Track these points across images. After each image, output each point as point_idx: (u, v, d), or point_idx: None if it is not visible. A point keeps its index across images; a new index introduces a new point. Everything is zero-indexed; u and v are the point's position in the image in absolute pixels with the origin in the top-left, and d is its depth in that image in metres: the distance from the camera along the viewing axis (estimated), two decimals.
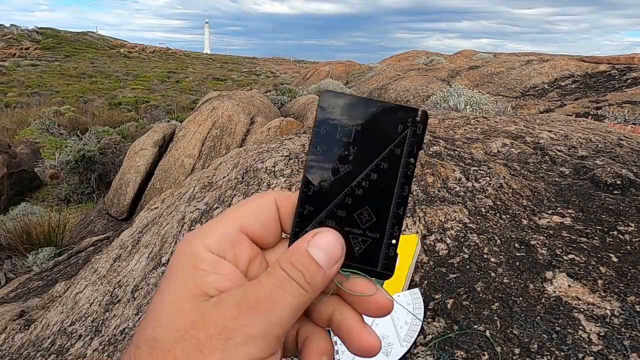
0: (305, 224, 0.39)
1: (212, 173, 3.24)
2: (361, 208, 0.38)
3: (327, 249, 0.37)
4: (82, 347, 2.19)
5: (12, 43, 48.23)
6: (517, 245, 1.66)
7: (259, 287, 0.35)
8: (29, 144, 12.71)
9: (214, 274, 0.36)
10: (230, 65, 58.17)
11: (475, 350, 1.26)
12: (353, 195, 0.38)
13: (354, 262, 0.39)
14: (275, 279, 0.36)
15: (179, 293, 0.35)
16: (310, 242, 0.37)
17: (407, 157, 0.37)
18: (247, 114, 8.78)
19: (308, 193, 0.39)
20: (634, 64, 13.55)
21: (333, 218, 0.38)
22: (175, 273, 0.36)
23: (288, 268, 0.36)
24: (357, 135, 0.38)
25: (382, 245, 0.39)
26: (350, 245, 0.38)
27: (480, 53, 20.83)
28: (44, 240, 5.96)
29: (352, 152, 0.38)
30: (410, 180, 0.38)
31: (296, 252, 0.37)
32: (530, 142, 2.69)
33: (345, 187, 0.38)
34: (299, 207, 0.39)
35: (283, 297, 0.35)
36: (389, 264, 0.39)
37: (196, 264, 0.36)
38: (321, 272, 0.36)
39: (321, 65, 26.89)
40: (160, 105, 21.93)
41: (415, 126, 0.37)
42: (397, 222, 0.38)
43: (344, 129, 0.38)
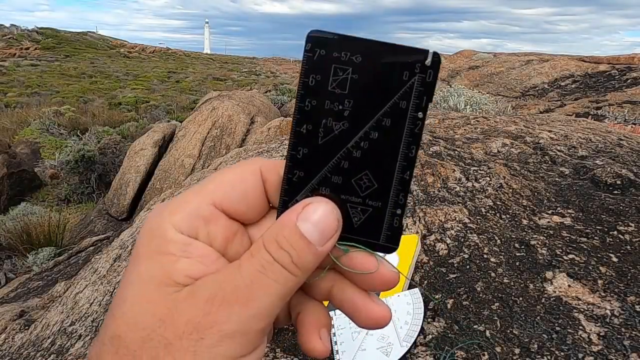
0: (295, 193, 0.33)
1: (212, 173, 3.25)
2: (360, 173, 0.33)
3: (320, 222, 0.31)
4: (82, 347, 2.19)
5: (12, 43, 48.24)
6: (517, 245, 1.66)
7: (237, 274, 0.30)
8: (29, 144, 12.72)
9: (185, 259, 0.31)
10: (230, 65, 58.20)
11: (475, 350, 1.26)
12: (350, 158, 0.32)
13: (353, 234, 0.33)
14: (256, 264, 0.31)
15: (145, 282, 0.31)
16: (300, 215, 0.31)
17: (414, 111, 0.31)
18: (247, 114, 8.79)
19: (297, 156, 0.33)
20: (634, 64, 13.55)
21: (327, 185, 0.33)
22: (140, 258, 0.32)
23: (273, 249, 0.31)
24: (353, 86, 0.31)
25: (385, 214, 0.33)
26: (349, 216, 0.33)
27: (480, 53, 20.84)
28: (44, 240, 5.96)
29: (347, 107, 0.32)
30: (418, 140, 0.32)
31: (283, 228, 0.31)
32: (530, 142, 2.69)
33: (340, 148, 0.32)
34: (287, 174, 0.33)
35: (266, 284, 0.30)
36: (394, 236, 0.33)
37: (163, 248, 0.31)
38: (312, 250, 0.31)
39: None
40: (160, 105, 21.94)
41: (424, 72, 0.31)
42: (403, 188, 0.33)
43: (337, 78, 0.31)
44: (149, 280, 0.31)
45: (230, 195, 0.33)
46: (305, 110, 0.32)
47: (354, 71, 0.31)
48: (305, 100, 0.32)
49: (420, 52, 0.31)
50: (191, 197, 0.33)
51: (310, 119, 0.32)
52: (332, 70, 0.31)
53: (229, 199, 0.33)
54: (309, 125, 0.32)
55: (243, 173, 0.34)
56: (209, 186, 0.34)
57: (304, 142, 0.33)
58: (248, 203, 0.34)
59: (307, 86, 0.32)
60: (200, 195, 0.33)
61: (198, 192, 0.33)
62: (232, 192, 0.34)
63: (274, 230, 0.32)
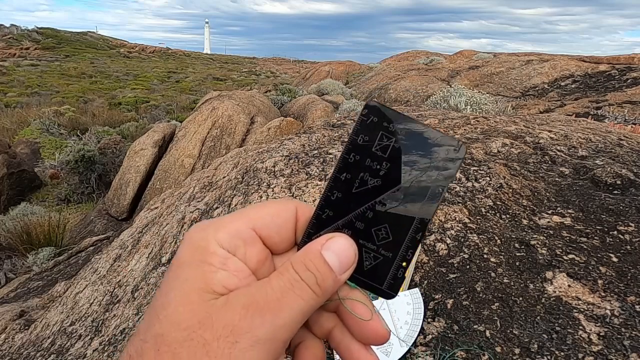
0: (320, 228, 0.38)
1: (212, 173, 3.24)
2: (380, 225, 0.38)
3: (341, 253, 0.36)
4: (82, 347, 2.19)
5: (12, 43, 48.23)
6: (517, 245, 1.66)
7: (268, 287, 0.35)
8: (29, 144, 12.72)
9: (223, 271, 0.35)
10: (230, 65, 58.17)
11: (475, 350, 1.26)
12: (375, 210, 0.38)
13: (361, 275, 0.38)
14: (285, 280, 0.35)
15: (187, 287, 0.34)
16: (325, 245, 0.36)
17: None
18: (247, 114, 8.79)
19: (331, 198, 0.38)
20: (634, 64, 13.55)
21: (350, 228, 0.38)
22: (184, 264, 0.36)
23: (300, 269, 0.36)
24: (392, 152, 0.37)
25: (392, 265, 0.38)
26: (361, 259, 0.38)
27: (480, 53, 20.83)
28: (44, 240, 5.96)
29: (384, 168, 0.37)
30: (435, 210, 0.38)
31: (309, 253, 0.36)
32: (530, 142, 2.69)
33: (369, 200, 0.38)
34: (319, 210, 0.38)
35: (293, 299, 0.34)
36: (395, 285, 0.39)
37: (206, 258, 0.35)
38: (333, 276, 0.36)
39: (321, 65, 26.89)
40: (160, 105, 21.94)
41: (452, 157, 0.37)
42: (413, 246, 0.38)
43: (381, 143, 0.37)
44: (191, 286, 0.35)
45: (269, 225, 0.38)
46: (349, 162, 0.38)
47: (396, 141, 0.37)
48: (350, 154, 0.38)
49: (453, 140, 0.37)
50: (236, 218, 0.38)
51: (351, 170, 0.38)
52: (379, 135, 0.38)
53: (267, 228, 0.38)
54: (349, 175, 0.38)
55: (282, 209, 0.39)
56: (252, 213, 0.38)
57: (340, 188, 0.38)
58: (281, 235, 0.39)
59: (356, 143, 0.38)
60: (243, 219, 0.38)
61: (241, 217, 0.38)
62: (271, 222, 0.38)
63: (302, 255, 0.37)
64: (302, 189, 2.30)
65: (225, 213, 2.43)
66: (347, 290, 0.38)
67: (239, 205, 2.40)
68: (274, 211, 0.39)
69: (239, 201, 2.44)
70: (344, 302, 0.38)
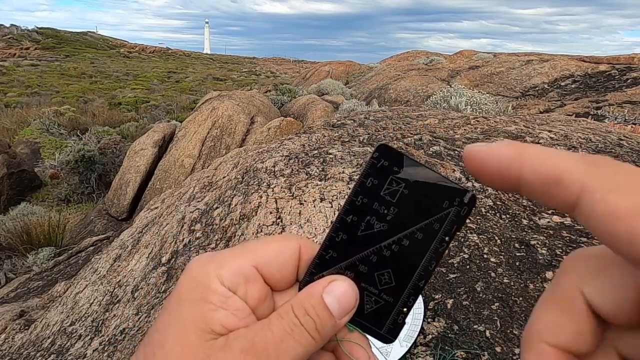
0: (323, 269, 0.38)
1: (212, 173, 3.24)
2: (383, 269, 0.38)
3: (342, 298, 0.36)
4: (82, 347, 2.19)
5: (12, 43, 48.25)
6: (517, 245, 1.66)
7: (268, 331, 0.35)
8: (29, 144, 12.72)
9: (223, 310, 0.35)
10: (230, 65, 58.17)
11: (475, 350, 1.26)
12: (380, 255, 0.38)
13: (361, 318, 0.38)
14: (285, 324, 0.35)
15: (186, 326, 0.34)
16: (326, 289, 0.36)
17: (443, 234, 0.37)
18: (247, 114, 8.79)
19: (336, 239, 0.38)
20: (634, 64, 13.56)
21: (353, 270, 0.38)
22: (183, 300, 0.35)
23: (300, 314, 0.35)
24: (401, 198, 0.37)
25: (393, 310, 0.38)
26: (362, 302, 0.38)
27: (480, 53, 20.84)
28: (44, 240, 5.96)
29: (391, 213, 0.37)
30: (440, 258, 0.37)
31: (310, 297, 0.36)
32: (531, 142, 2.69)
33: (374, 244, 0.38)
34: (322, 250, 0.38)
35: (291, 344, 0.34)
36: (395, 330, 0.38)
37: (206, 296, 0.35)
38: (332, 322, 0.35)
39: (321, 65, 26.90)
40: (160, 105, 21.94)
41: (460, 207, 0.37)
42: (415, 292, 0.38)
43: (390, 188, 0.37)
44: (190, 324, 0.34)
45: (272, 263, 0.38)
46: (356, 204, 0.38)
47: (405, 187, 0.37)
48: (358, 196, 0.38)
49: (462, 191, 0.37)
50: (238, 255, 0.37)
51: (357, 213, 0.38)
52: (388, 180, 0.37)
53: (269, 266, 0.37)
54: (355, 217, 0.38)
55: (285, 246, 0.39)
56: (255, 250, 0.38)
57: (345, 229, 0.38)
58: (283, 273, 0.38)
59: (364, 186, 0.38)
60: (246, 256, 0.37)
61: (244, 253, 0.38)
62: (273, 260, 0.38)
63: (302, 298, 0.36)
64: (302, 189, 2.30)
65: (225, 213, 2.43)
66: (346, 332, 0.38)
67: (239, 205, 2.40)
68: (278, 249, 0.38)
69: (239, 201, 2.44)
70: (342, 345, 0.38)
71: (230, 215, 2.36)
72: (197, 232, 2.42)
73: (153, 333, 0.35)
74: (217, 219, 2.42)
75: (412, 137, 2.83)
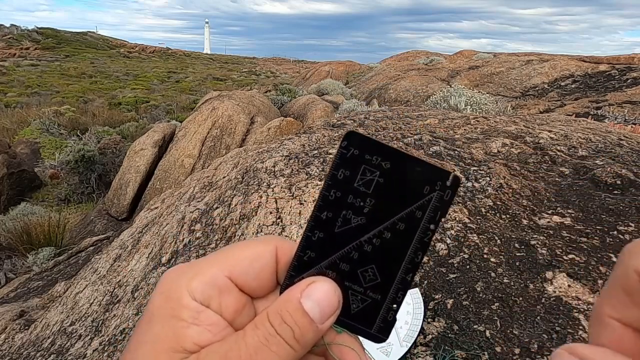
0: (302, 271, 0.35)
1: (212, 173, 3.24)
2: (366, 265, 0.35)
3: (322, 301, 0.33)
4: (82, 347, 2.19)
5: (12, 43, 48.25)
6: (517, 245, 1.66)
7: (242, 343, 0.32)
8: (29, 144, 12.72)
9: (195, 326, 0.33)
10: (230, 65, 58.16)
11: (475, 350, 1.26)
12: (361, 251, 0.35)
13: (349, 319, 0.36)
14: (260, 335, 0.32)
15: (157, 344, 0.32)
16: (305, 292, 0.33)
17: (427, 222, 0.34)
18: (247, 114, 8.79)
19: (312, 238, 0.35)
20: (634, 64, 13.56)
21: (334, 270, 0.35)
22: (153, 319, 0.34)
23: (276, 323, 0.33)
24: (377, 188, 0.34)
25: (381, 307, 0.36)
26: (348, 302, 0.36)
27: (480, 53, 20.84)
28: (44, 240, 5.96)
29: (368, 205, 0.35)
30: (426, 248, 0.35)
31: (287, 303, 0.33)
32: (530, 142, 2.69)
33: (354, 240, 0.35)
34: (300, 251, 0.36)
35: (267, 356, 0.32)
36: (386, 328, 0.36)
37: (177, 312, 0.33)
38: (313, 327, 0.33)
39: (321, 65, 26.90)
40: (160, 105, 21.94)
41: (443, 191, 0.34)
42: (403, 287, 0.35)
43: (363, 178, 0.34)
44: (161, 343, 0.32)
45: (247, 272, 0.35)
46: (329, 199, 0.35)
47: (380, 175, 0.34)
48: (330, 190, 0.35)
49: (443, 173, 0.34)
50: (210, 266, 0.35)
51: (331, 208, 0.35)
52: (361, 169, 0.35)
53: (244, 275, 0.35)
54: (330, 213, 0.35)
55: (260, 251, 0.36)
56: (228, 259, 0.35)
57: (321, 227, 0.36)
58: (260, 281, 0.36)
59: (336, 178, 0.35)
60: (219, 266, 0.35)
61: (216, 263, 0.35)
62: (248, 269, 0.35)
63: (279, 305, 0.34)
64: (302, 189, 2.30)
65: (225, 213, 2.43)
66: (334, 335, 0.35)
67: (239, 206, 2.40)
68: (253, 254, 0.36)
69: (239, 201, 2.44)
70: (330, 349, 0.35)
71: (230, 215, 2.36)
72: (197, 232, 2.42)
73: (125, 353, 0.34)
74: (217, 219, 2.42)
75: (412, 137, 2.83)
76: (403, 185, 0.34)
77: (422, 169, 0.34)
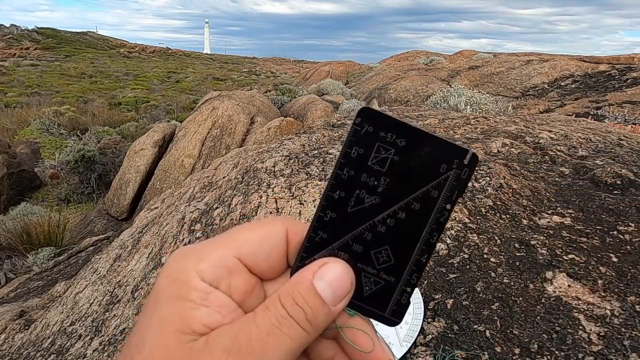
0: (314, 252, 0.34)
1: (212, 173, 3.24)
2: (380, 247, 0.34)
3: (335, 282, 0.33)
4: (82, 347, 2.19)
5: (12, 43, 48.24)
6: (517, 245, 1.66)
7: (253, 326, 0.31)
8: (29, 144, 12.72)
9: (204, 307, 0.32)
10: (230, 65, 58.16)
11: (475, 350, 1.26)
12: (374, 231, 0.34)
13: (361, 302, 0.35)
14: (272, 317, 0.31)
15: (164, 328, 0.31)
16: (317, 274, 0.32)
17: (443, 202, 0.33)
18: (247, 114, 8.79)
19: (324, 219, 0.34)
20: (634, 64, 13.56)
21: (347, 251, 0.34)
22: (160, 301, 0.32)
23: (288, 304, 0.32)
24: (392, 166, 0.33)
25: (395, 290, 0.35)
26: (360, 284, 0.35)
27: (480, 53, 20.84)
28: (44, 240, 5.96)
29: (382, 184, 0.33)
30: (441, 228, 0.33)
31: (299, 284, 0.32)
32: (530, 142, 2.69)
33: (367, 220, 0.34)
34: (311, 232, 0.34)
35: (279, 339, 0.31)
36: (399, 311, 0.35)
37: (184, 293, 0.32)
38: (325, 309, 0.32)
39: (321, 65, 26.90)
40: (160, 105, 21.94)
41: (460, 169, 0.32)
42: (417, 269, 0.34)
43: (378, 156, 0.33)
44: (168, 326, 0.31)
45: (256, 252, 0.34)
46: (342, 178, 0.34)
47: (395, 153, 0.33)
48: (343, 169, 0.34)
49: (461, 150, 0.32)
50: (217, 247, 0.34)
51: (344, 187, 0.34)
52: (375, 147, 0.33)
53: (253, 256, 0.34)
54: (342, 193, 0.34)
55: (270, 232, 0.35)
56: (237, 239, 0.34)
57: (333, 207, 0.34)
58: (270, 262, 0.35)
59: (349, 156, 0.33)
60: (227, 246, 0.34)
61: (225, 243, 0.34)
62: (258, 250, 0.34)
63: (290, 286, 0.33)
64: (302, 189, 2.30)
65: (225, 213, 2.43)
66: (347, 318, 0.34)
67: (239, 206, 2.40)
68: (262, 235, 0.34)
69: (239, 201, 2.44)
70: (343, 332, 0.34)
71: (231, 215, 2.36)
72: (197, 232, 2.42)
73: (132, 335, 0.33)
74: (217, 219, 2.42)
75: None
76: (419, 163, 0.33)
77: (439, 146, 0.33)
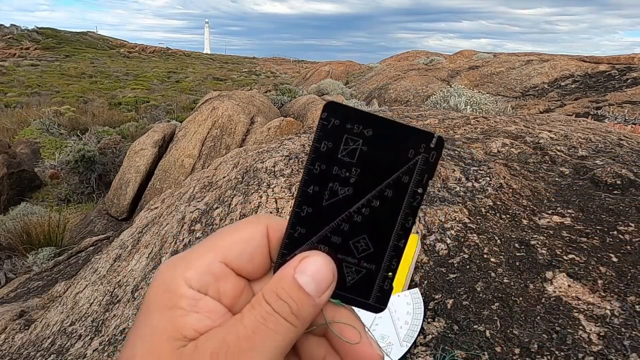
0: (294, 248, 0.35)
1: (212, 173, 3.24)
2: (358, 236, 0.35)
3: (317, 274, 0.33)
4: (82, 347, 2.19)
5: (12, 43, 48.24)
6: (517, 245, 1.66)
7: (240, 326, 0.32)
8: (29, 144, 12.72)
9: (194, 313, 0.32)
10: (230, 65, 58.15)
11: (475, 350, 1.26)
12: (351, 222, 0.35)
13: (345, 292, 0.36)
14: (257, 315, 0.32)
15: (156, 335, 0.32)
16: (298, 268, 0.33)
17: (414, 186, 0.34)
18: (247, 114, 8.79)
19: (301, 214, 0.35)
20: (634, 64, 13.56)
21: (326, 243, 0.35)
22: (152, 310, 0.33)
23: (272, 300, 0.32)
24: (361, 156, 0.34)
25: (377, 277, 0.36)
26: (343, 275, 0.35)
27: (480, 53, 20.84)
28: (44, 240, 5.96)
29: (354, 175, 0.34)
30: (415, 212, 0.34)
31: (282, 280, 0.33)
32: (530, 142, 2.69)
33: (343, 211, 0.35)
34: (290, 229, 0.35)
35: (266, 335, 0.31)
36: (383, 297, 0.36)
37: (175, 302, 0.33)
38: (310, 302, 0.33)
39: (321, 65, 26.90)
40: (160, 105, 21.93)
41: (427, 153, 0.34)
42: (396, 254, 0.35)
43: (347, 148, 0.34)
44: (161, 334, 0.32)
45: (240, 255, 0.35)
46: (314, 173, 0.35)
47: (363, 143, 0.34)
48: (315, 164, 0.34)
49: (427, 135, 0.34)
50: (203, 254, 0.35)
51: (317, 182, 0.35)
52: (343, 139, 0.34)
53: (238, 259, 0.35)
54: (316, 187, 0.35)
55: (252, 232, 0.36)
56: (220, 244, 0.35)
57: (309, 202, 0.35)
58: (255, 263, 0.36)
59: (319, 151, 0.34)
60: (212, 252, 0.35)
61: (209, 249, 0.35)
62: (242, 252, 0.35)
63: (273, 283, 0.33)
64: None
65: (225, 213, 2.43)
66: (335, 314, 0.35)
67: (239, 205, 2.40)
68: (245, 236, 0.35)
69: (239, 201, 2.44)
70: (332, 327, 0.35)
71: (231, 215, 2.37)
72: (197, 232, 2.42)
73: (124, 348, 0.33)
74: (217, 219, 2.42)
75: None
76: (387, 151, 0.34)
77: (405, 133, 0.34)
